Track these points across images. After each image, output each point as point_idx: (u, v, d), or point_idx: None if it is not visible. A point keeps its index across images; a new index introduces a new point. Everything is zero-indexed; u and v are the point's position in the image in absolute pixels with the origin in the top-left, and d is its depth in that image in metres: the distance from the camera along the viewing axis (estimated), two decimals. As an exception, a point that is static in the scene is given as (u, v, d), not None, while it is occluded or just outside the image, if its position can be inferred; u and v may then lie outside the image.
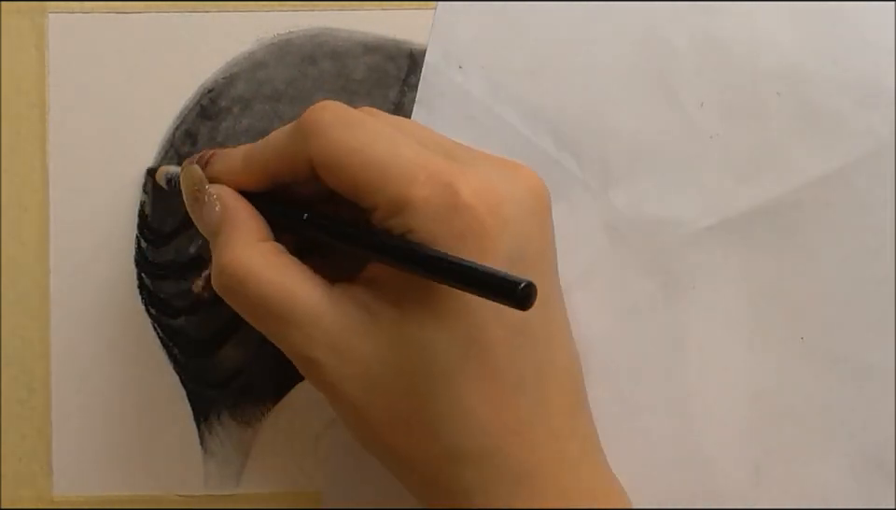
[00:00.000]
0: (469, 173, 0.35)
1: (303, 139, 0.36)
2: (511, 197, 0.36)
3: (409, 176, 0.35)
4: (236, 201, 0.38)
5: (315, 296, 0.36)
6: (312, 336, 0.36)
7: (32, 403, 0.43)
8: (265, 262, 0.37)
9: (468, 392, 0.35)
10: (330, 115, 0.36)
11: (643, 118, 0.43)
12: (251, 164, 0.39)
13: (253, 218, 0.38)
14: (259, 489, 0.43)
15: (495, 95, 0.43)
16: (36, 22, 0.43)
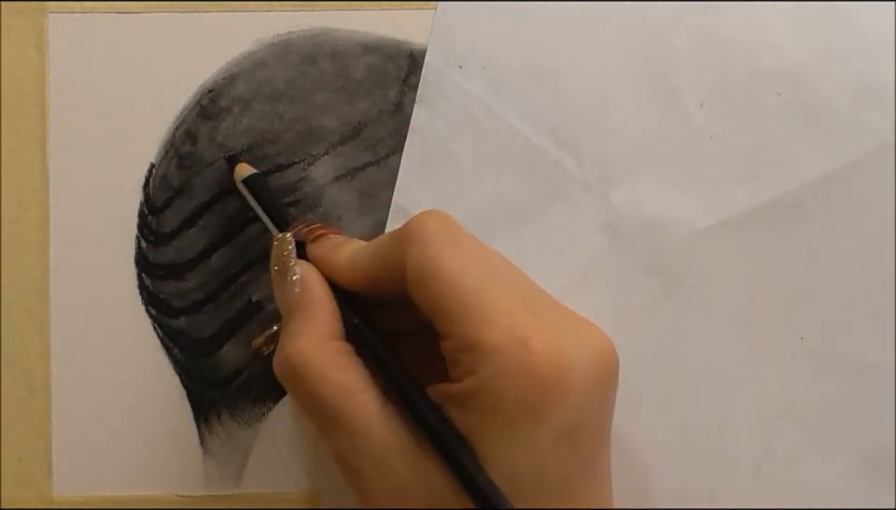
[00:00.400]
0: (545, 330, 0.35)
1: (403, 244, 0.36)
2: (578, 364, 0.35)
3: (489, 319, 0.34)
4: (319, 289, 0.38)
5: (370, 409, 0.36)
6: (358, 447, 0.36)
7: (32, 403, 0.43)
8: (330, 361, 0.37)
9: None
10: (434, 226, 0.36)
11: (643, 118, 0.43)
12: (356, 264, 0.38)
13: (330, 313, 0.38)
14: (259, 489, 0.43)
15: (495, 95, 0.43)
16: (36, 22, 0.43)
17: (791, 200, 0.42)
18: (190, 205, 0.43)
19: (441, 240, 0.36)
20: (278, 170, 0.43)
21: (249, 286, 0.43)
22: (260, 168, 0.43)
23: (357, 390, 0.36)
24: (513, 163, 0.43)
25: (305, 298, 0.38)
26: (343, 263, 0.38)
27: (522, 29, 0.43)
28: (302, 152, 0.43)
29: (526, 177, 0.43)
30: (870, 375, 0.42)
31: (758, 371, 0.42)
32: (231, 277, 0.43)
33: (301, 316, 0.38)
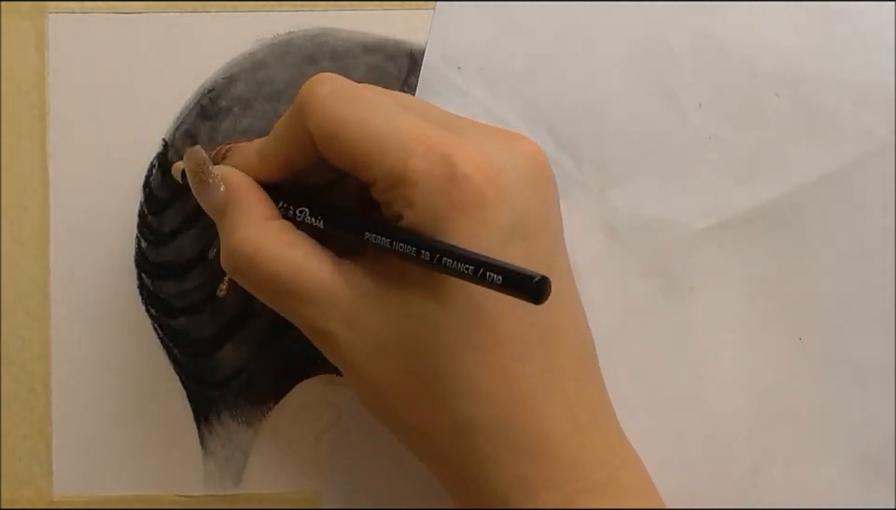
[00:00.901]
0: (467, 144, 0.35)
1: (302, 115, 0.37)
2: (509, 167, 0.36)
3: (406, 148, 0.35)
4: (241, 180, 0.39)
5: (325, 271, 0.37)
6: (324, 311, 0.36)
7: (32, 403, 0.43)
8: (274, 240, 0.37)
9: (473, 363, 0.35)
10: (327, 88, 0.36)
11: (642, 118, 0.43)
12: (264, 155, 0.39)
13: (259, 197, 0.38)
14: (259, 489, 0.43)
15: (493, 96, 0.43)
16: (36, 22, 0.43)
17: (790, 201, 0.42)
18: (190, 204, 0.43)
19: (336, 97, 0.36)
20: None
21: (249, 286, 0.43)
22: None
23: (309, 258, 0.37)
24: None
25: (232, 192, 0.38)
26: (254, 159, 0.39)
27: (520, 30, 0.43)
28: (302, 152, 0.43)
29: None
30: (870, 375, 0.42)
31: (757, 371, 0.42)
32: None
33: (234, 209, 0.38)
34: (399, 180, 0.35)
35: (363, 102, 0.36)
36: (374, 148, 0.35)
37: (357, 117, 0.36)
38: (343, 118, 0.36)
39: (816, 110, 0.43)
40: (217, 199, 0.39)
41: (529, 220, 0.36)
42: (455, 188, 0.34)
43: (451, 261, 0.34)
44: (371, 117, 0.36)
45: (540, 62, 0.43)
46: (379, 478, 0.43)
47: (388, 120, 0.36)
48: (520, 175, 0.36)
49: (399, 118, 0.36)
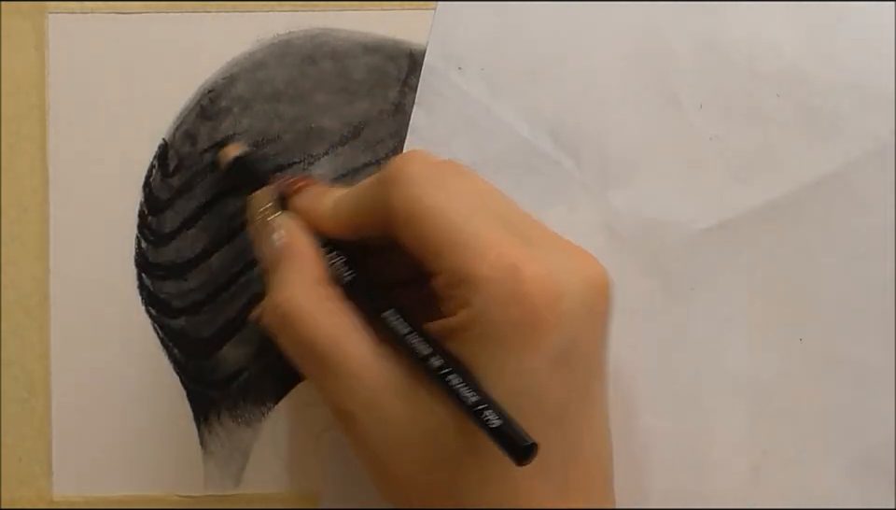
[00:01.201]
0: (536, 258, 0.35)
1: (386, 188, 0.36)
2: (571, 291, 0.35)
3: (478, 250, 0.35)
4: (301, 239, 0.38)
5: (361, 350, 0.36)
6: (351, 389, 0.36)
7: (32, 404, 0.43)
8: (319, 306, 0.37)
9: (491, 472, 0.35)
10: (417, 167, 0.36)
11: (642, 119, 0.43)
12: (339, 213, 0.38)
13: (315, 259, 0.38)
14: (259, 489, 0.43)
15: (494, 96, 0.43)
16: (36, 22, 0.43)
17: (791, 201, 0.42)
18: (190, 205, 0.43)
19: (423, 180, 0.36)
20: (278, 170, 0.43)
21: (249, 286, 0.43)
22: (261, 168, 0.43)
23: (347, 332, 0.36)
24: (512, 164, 0.43)
25: (288, 247, 0.38)
26: (326, 212, 0.39)
27: (521, 30, 0.43)
28: (302, 152, 0.43)
29: (525, 178, 0.43)
30: (870, 375, 0.42)
31: (757, 371, 0.42)
32: (231, 277, 0.43)
33: (287, 265, 0.38)
34: (463, 280, 0.35)
35: (448, 191, 0.36)
36: (447, 242, 0.35)
37: (438, 204, 0.35)
38: (425, 203, 0.35)
39: (816, 111, 0.43)
40: (273, 251, 0.38)
41: (577, 348, 0.35)
42: (514, 304, 0.34)
43: (457, 381, 0.34)
44: (451, 209, 0.35)
45: (541, 62, 0.43)
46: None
47: (468, 217, 0.35)
48: (580, 301, 0.35)
49: (478, 216, 0.35)
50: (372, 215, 0.37)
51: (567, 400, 0.35)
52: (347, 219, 0.38)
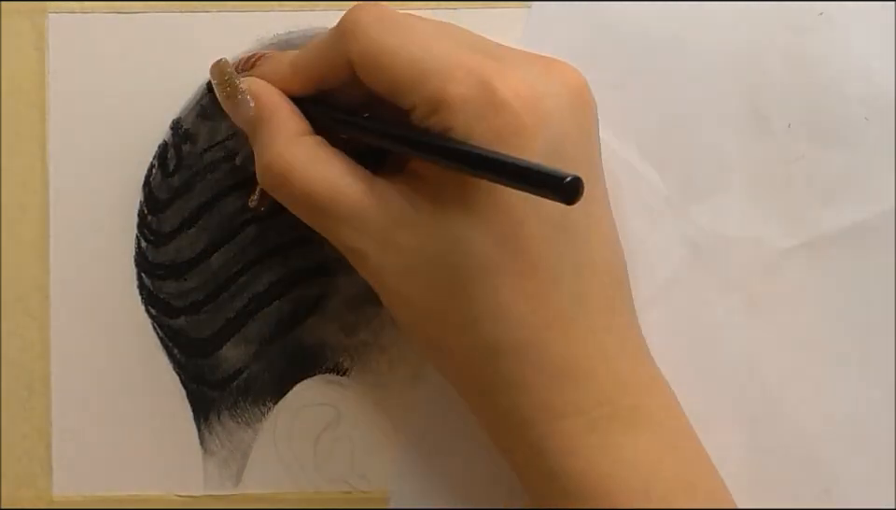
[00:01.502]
0: (508, 71, 0.35)
1: (343, 40, 0.37)
2: (549, 94, 0.36)
3: (446, 74, 0.35)
4: (272, 95, 0.39)
5: (359, 189, 0.37)
6: (357, 229, 0.37)
7: (32, 403, 0.43)
8: (308, 156, 0.37)
9: (504, 287, 0.35)
10: (368, 15, 0.37)
11: (730, 134, 0.43)
12: (298, 69, 0.39)
13: (291, 112, 0.39)
14: (259, 489, 0.43)
15: None
16: (36, 22, 0.43)
17: (875, 225, 0.42)
18: (190, 205, 0.43)
19: (378, 24, 0.36)
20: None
21: (249, 286, 0.43)
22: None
23: (342, 175, 0.37)
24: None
25: (262, 107, 0.39)
26: (286, 72, 0.39)
27: (613, 38, 0.43)
28: (302, 152, 0.43)
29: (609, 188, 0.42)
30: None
31: (835, 394, 0.42)
32: (231, 277, 0.43)
33: (266, 124, 0.38)
34: (438, 105, 0.35)
35: (405, 28, 0.36)
36: (415, 74, 0.35)
37: (398, 43, 0.36)
38: (383, 44, 0.36)
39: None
40: (247, 115, 0.39)
41: (567, 148, 0.36)
42: (493, 114, 0.35)
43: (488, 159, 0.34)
44: (411, 42, 0.36)
45: (631, 71, 0.43)
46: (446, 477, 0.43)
47: (429, 46, 0.36)
48: (560, 102, 0.36)
49: (439, 43, 0.36)
50: (333, 67, 0.38)
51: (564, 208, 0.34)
52: (308, 74, 0.39)
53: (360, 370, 0.43)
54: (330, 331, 0.43)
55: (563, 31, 0.43)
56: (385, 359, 0.43)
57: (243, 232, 0.43)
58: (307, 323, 0.43)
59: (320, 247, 0.43)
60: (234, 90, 0.39)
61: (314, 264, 0.43)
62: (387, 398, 0.43)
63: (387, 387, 0.43)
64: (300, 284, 0.43)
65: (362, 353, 0.43)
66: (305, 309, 0.43)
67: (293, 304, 0.43)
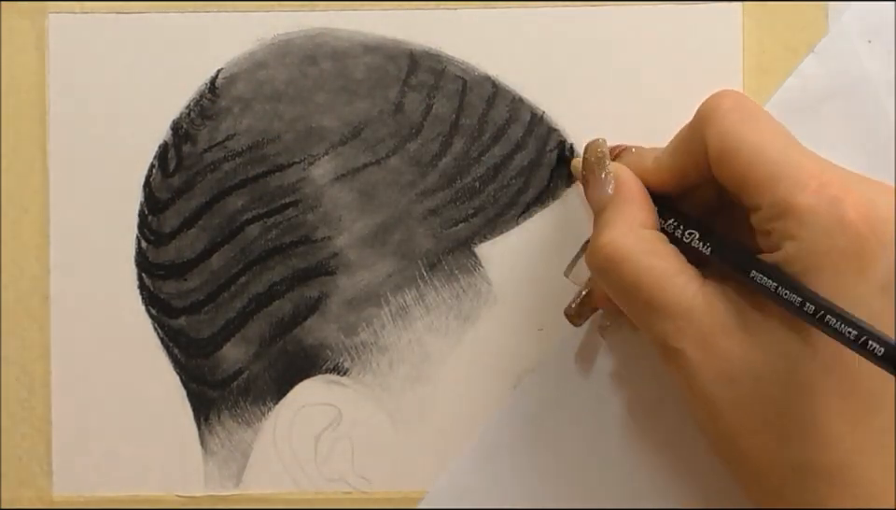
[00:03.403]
0: (855, 189, 0.35)
1: (701, 127, 0.37)
2: (890, 218, 0.35)
3: (800, 181, 0.35)
4: (632, 182, 0.39)
5: (689, 289, 0.37)
6: (680, 328, 0.36)
7: (32, 403, 0.43)
8: (644, 247, 0.37)
9: (825, 407, 0.35)
10: (729, 103, 0.37)
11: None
12: (661, 165, 0.39)
13: (644, 203, 0.39)
14: (259, 489, 0.43)
15: (889, 84, 0.42)
16: (36, 22, 0.43)
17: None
18: (190, 205, 0.43)
19: (736, 115, 0.37)
20: (278, 170, 0.43)
21: (249, 286, 0.43)
22: (260, 168, 0.43)
23: (675, 273, 0.37)
24: (869, 150, 0.42)
25: (619, 192, 0.39)
26: (650, 166, 0.40)
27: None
28: (302, 152, 0.43)
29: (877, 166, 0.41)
30: None
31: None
32: (231, 277, 0.43)
33: (615, 208, 0.39)
34: (785, 211, 0.35)
35: (763, 124, 0.36)
36: (767, 174, 0.35)
37: (755, 138, 0.36)
38: (741, 135, 0.36)
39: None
40: (604, 194, 0.39)
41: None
42: (840, 232, 0.34)
43: (834, 320, 0.34)
44: (769, 141, 0.36)
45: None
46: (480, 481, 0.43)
47: (786, 149, 0.36)
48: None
49: (796, 149, 0.36)
50: (691, 157, 0.38)
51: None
52: (669, 168, 0.39)
53: (360, 370, 0.43)
54: (330, 331, 0.43)
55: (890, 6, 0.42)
56: (385, 359, 0.43)
57: (243, 232, 0.43)
58: (307, 323, 0.43)
59: (320, 247, 0.43)
60: (602, 169, 0.40)
61: (314, 264, 0.43)
62: (387, 398, 0.43)
63: (387, 387, 0.43)
64: (300, 284, 0.43)
65: (362, 353, 0.43)
66: (305, 309, 0.43)
67: (293, 304, 0.43)
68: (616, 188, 0.39)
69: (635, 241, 0.37)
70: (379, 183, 0.43)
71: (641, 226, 0.38)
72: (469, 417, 0.43)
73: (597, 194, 0.39)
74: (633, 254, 0.37)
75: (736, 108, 0.37)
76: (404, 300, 0.43)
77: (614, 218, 0.38)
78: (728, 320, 0.36)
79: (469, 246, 0.43)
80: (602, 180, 0.39)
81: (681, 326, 0.36)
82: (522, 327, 0.43)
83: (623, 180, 0.39)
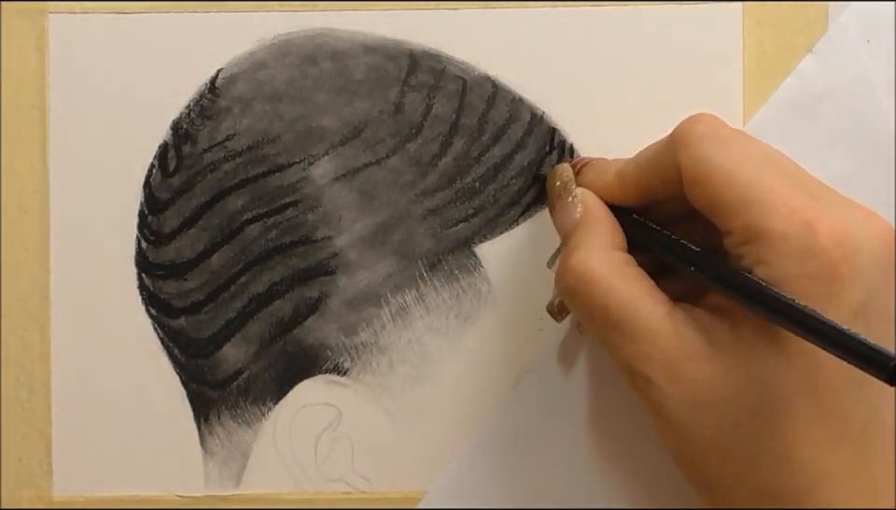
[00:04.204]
0: (829, 215, 0.35)
1: (674, 150, 0.37)
2: (865, 246, 0.35)
3: (771, 207, 0.35)
4: (598, 207, 0.39)
5: (657, 313, 0.36)
6: (647, 353, 0.36)
7: (32, 403, 0.43)
8: (613, 269, 0.37)
9: (795, 432, 0.35)
10: (704, 128, 0.37)
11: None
12: (624, 178, 0.39)
13: (611, 226, 0.39)
14: (259, 489, 0.43)
15: (887, 85, 0.42)
16: (36, 22, 0.43)
17: None
18: (190, 205, 0.43)
19: (711, 140, 0.36)
20: (278, 170, 0.43)
21: (249, 286, 0.43)
22: (260, 168, 0.43)
23: (643, 297, 0.37)
24: (866, 150, 0.42)
25: (585, 215, 0.39)
26: (612, 181, 0.40)
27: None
28: (302, 152, 0.43)
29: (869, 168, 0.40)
30: None
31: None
32: (231, 277, 0.43)
33: (583, 231, 0.39)
34: (756, 236, 0.35)
35: (737, 150, 0.36)
36: (739, 199, 0.35)
37: (728, 163, 0.36)
38: (715, 161, 0.36)
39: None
40: (570, 219, 0.39)
41: (873, 304, 0.35)
42: (811, 257, 0.34)
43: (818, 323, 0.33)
44: (741, 166, 0.36)
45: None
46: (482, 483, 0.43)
47: (758, 174, 0.36)
48: (873, 256, 0.35)
49: (768, 175, 0.36)
50: (660, 177, 0.38)
51: None
52: (633, 183, 0.39)
53: (360, 370, 0.43)
54: (330, 331, 0.43)
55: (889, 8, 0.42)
56: (385, 359, 0.43)
57: (243, 232, 0.43)
58: (307, 323, 0.43)
59: (320, 247, 0.43)
60: (568, 194, 0.40)
61: (314, 264, 0.43)
62: (387, 398, 0.43)
63: (387, 387, 0.43)
64: (300, 284, 0.43)
65: (362, 353, 0.43)
66: (305, 309, 0.43)
67: (293, 304, 0.43)
68: (584, 211, 0.39)
69: (603, 263, 0.37)
70: (379, 183, 0.43)
71: (610, 248, 0.38)
72: (469, 417, 0.43)
73: (564, 217, 0.40)
74: (602, 277, 0.37)
75: (711, 133, 0.37)
76: (404, 300, 0.43)
77: (584, 240, 0.38)
78: (696, 345, 0.36)
79: (469, 246, 0.43)
80: (569, 205, 0.40)
81: (648, 351, 0.36)
82: (522, 327, 0.43)
83: (590, 205, 0.39)
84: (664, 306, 0.36)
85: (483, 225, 0.43)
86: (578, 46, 0.43)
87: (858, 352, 0.32)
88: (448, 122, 0.43)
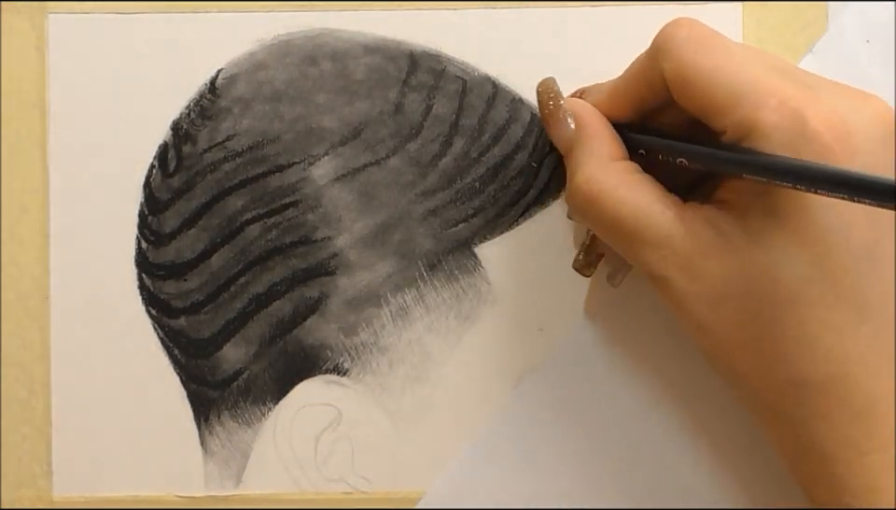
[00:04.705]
0: (819, 101, 0.35)
1: (657, 57, 0.37)
2: (859, 127, 0.35)
3: (759, 100, 0.35)
4: (592, 116, 0.39)
5: (668, 216, 0.37)
6: (663, 256, 0.37)
7: (32, 403, 0.43)
8: (619, 180, 0.38)
9: (811, 319, 0.35)
10: (685, 32, 0.37)
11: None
12: (616, 92, 0.39)
13: (609, 135, 0.39)
14: (259, 489, 0.43)
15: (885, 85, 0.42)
16: (36, 22, 0.43)
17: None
18: (190, 205, 0.43)
19: (692, 44, 0.37)
20: (278, 170, 0.43)
21: (249, 286, 0.43)
22: (260, 168, 0.43)
23: (651, 202, 0.37)
24: None
25: (582, 127, 0.39)
26: (605, 99, 0.40)
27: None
28: (302, 153, 0.43)
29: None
30: None
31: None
32: (231, 277, 0.43)
33: (582, 146, 0.39)
34: (748, 131, 0.35)
35: (719, 49, 0.37)
36: (727, 97, 0.36)
37: (712, 64, 0.36)
38: (698, 63, 0.36)
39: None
40: (566, 134, 0.39)
41: None
42: (804, 144, 0.35)
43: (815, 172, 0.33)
44: (726, 65, 0.36)
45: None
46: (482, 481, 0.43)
47: (743, 70, 0.36)
48: (869, 136, 0.36)
49: (753, 68, 0.36)
50: (647, 87, 0.38)
51: (874, 238, 0.35)
52: (624, 98, 0.39)
53: (360, 370, 0.43)
54: (330, 331, 0.43)
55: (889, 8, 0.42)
56: (385, 359, 0.43)
57: (243, 232, 0.43)
58: (307, 323, 0.43)
59: (320, 247, 0.43)
60: (557, 108, 0.40)
61: (314, 265, 0.43)
62: (387, 398, 0.43)
63: (387, 387, 0.43)
64: (300, 284, 0.43)
65: (362, 353, 0.43)
66: (305, 309, 0.43)
67: (293, 305, 0.43)
68: (578, 125, 0.39)
69: (609, 176, 0.38)
70: (379, 183, 0.43)
71: (612, 159, 0.38)
72: (469, 417, 0.43)
73: (560, 133, 0.40)
74: (609, 189, 0.37)
75: (692, 37, 0.37)
76: (404, 300, 0.43)
77: (585, 156, 0.39)
78: (709, 242, 0.36)
79: (469, 246, 0.43)
80: (561, 118, 0.40)
81: (664, 254, 0.37)
82: (522, 327, 0.43)
83: (582, 115, 0.39)
84: (673, 209, 0.37)
85: (482, 225, 0.43)
86: (578, 46, 0.43)
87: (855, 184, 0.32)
88: (448, 123, 0.43)
